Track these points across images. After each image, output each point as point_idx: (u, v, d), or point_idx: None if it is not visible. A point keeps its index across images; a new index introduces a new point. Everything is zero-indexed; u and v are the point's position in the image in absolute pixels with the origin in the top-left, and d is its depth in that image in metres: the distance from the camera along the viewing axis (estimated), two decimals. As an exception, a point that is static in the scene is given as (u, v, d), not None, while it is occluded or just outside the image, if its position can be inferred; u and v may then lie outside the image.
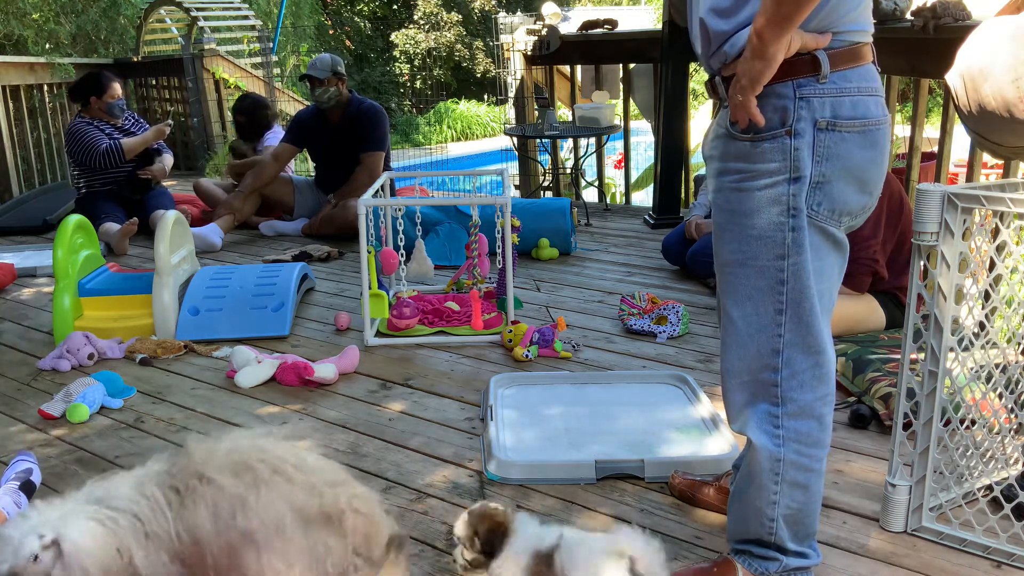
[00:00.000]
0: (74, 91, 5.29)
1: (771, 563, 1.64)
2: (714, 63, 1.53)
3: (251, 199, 5.21)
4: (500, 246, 3.28)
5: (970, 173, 3.57)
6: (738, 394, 1.59)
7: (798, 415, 1.55)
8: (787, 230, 1.48)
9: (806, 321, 1.51)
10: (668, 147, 5.20)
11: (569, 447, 2.37)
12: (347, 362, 2.98)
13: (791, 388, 1.54)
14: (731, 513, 1.71)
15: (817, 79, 1.43)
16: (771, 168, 1.46)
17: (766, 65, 1.39)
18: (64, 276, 3.35)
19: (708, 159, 1.62)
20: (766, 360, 1.54)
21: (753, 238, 1.50)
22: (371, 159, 4.98)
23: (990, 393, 1.93)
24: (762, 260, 1.50)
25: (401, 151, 10.68)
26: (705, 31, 1.51)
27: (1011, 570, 1.79)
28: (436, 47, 17.66)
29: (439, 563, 1.88)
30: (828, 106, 1.44)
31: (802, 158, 1.45)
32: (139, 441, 2.53)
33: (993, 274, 1.83)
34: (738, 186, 1.50)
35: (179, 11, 8.03)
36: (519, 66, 6.09)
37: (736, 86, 1.43)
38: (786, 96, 1.44)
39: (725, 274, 1.57)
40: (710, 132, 1.62)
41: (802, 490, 1.58)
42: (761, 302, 1.52)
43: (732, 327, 1.56)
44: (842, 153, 1.46)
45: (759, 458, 1.57)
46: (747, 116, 1.44)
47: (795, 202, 1.46)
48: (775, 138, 1.45)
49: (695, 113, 8.12)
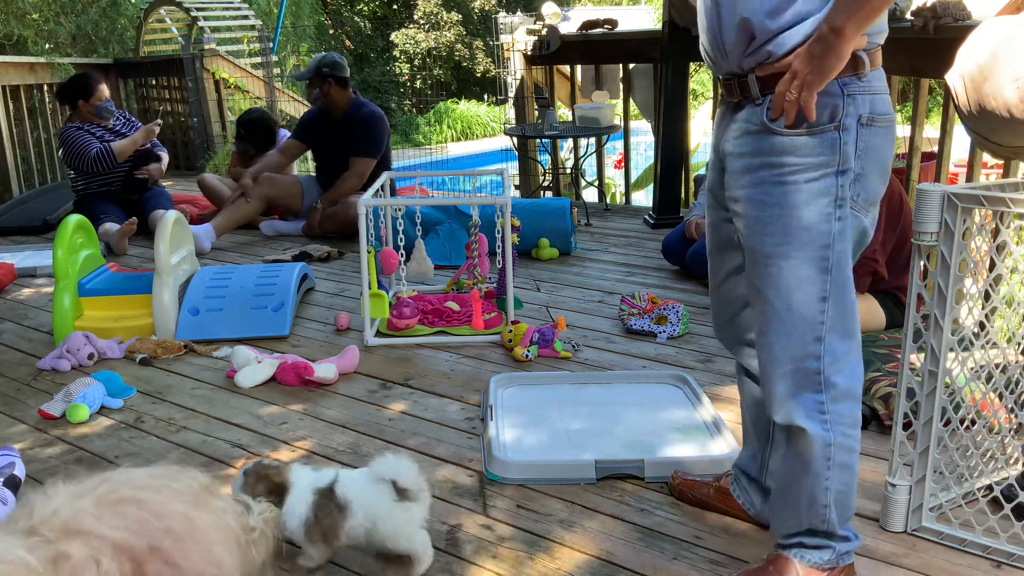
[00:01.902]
0: (61, 95, 5.27)
1: (824, 551, 1.68)
2: (749, 62, 1.56)
3: (260, 199, 5.19)
4: (500, 246, 3.28)
5: (970, 173, 3.57)
6: (780, 385, 1.61)
7: (840, 398, 1.60)
8: (834, 220, 1.54)
9: (847, 307, 1.58)
10: (668, 147, 5.20)
11: (569, 447, 2.37)
12: (347, 362, 2.98)
13: (833, 373, 1.58)
14: (779, 508, 1.72)
15: (859, 78, 1.51)
16: (819, 161, 1.52)
17: (838, 61, 1.44)
18: (64, 276, 3.35)
19: (732, 156, 1.63)
20: (809, 348, 1.58)
21: (800, 228, 1.54)
22: (360, 164, 4.99)
23: (990, 393, 1.93)
24: (808, 250, 1.55)
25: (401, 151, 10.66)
26: (748, 29, 1.53)
27: (1011, 570, 1.79)
28: (436, 47, 17.66)
29: (439, 563, 1.88)
30: (868, 103, 1.53)
31: (848, 152, 1.52)
32: (139, 441, 2.53)
33: (993, 274, 1.84)
34: (783, 179, 1.54)
35: (179, 11, 8.03)
36: (519, 66, 6.08)
37: (793, 83, 1.46)
38: (835, 94, 1.50)
39: (767, 266, 1.58)
40: (731, 130, 1.64)
41: (848, 471, 1.64)
42: (807, 291, 1.56)
43: (776, 317, 1.59)
44: (876, 147, 1.55)
45: (813, 446, 1.60)
46: (795, 112, 1.48)
47: (842, 192, 1.53)
48: (824, 133, 1.51)
49: (695, 113, 8.11)
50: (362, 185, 4.97)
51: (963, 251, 1.76)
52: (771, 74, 1.53)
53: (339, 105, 5.03)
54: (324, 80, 4.94)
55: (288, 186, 5.24)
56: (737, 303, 1.81)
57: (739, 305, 1.80)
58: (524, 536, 1.97)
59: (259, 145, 5.79)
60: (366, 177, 4.96)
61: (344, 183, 5.00)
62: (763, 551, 1.83)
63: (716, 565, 1.84)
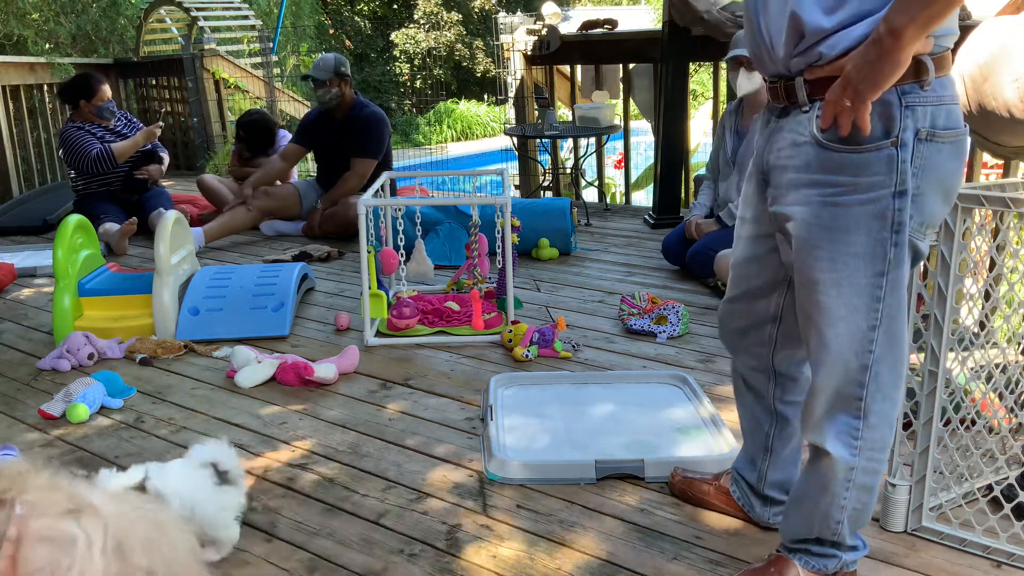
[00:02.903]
0: (63, 95, 5.27)
1: (830, 560, 1.64)
2: (798, 63, 1.42)
3: (257, 211, 5.16)
4: (500, 246, 3.28)
5: (970, 173, 3.57)
6: (819, 406, 1.53)
7: (876, 426, 1.52)
8: (889, 246, 1.41)
9: (897, 335, 1.48)
10: (668, 147, 5.20)
11: (569, 447, 2.37)
12: (347, 362, 2.98)
13: (875, 401, 1.50)
14: (791, 515, 1.68)
15: (921, 86, 1.36)
16: (874, 181, 1.38)
17: (895, 68, 1.29)
18: (64, 276, 3.35)
19: (776, 170, 1.51)
20: (854, 376, 1.49)
21: (852, 255, 1.42)
22: (361, 165, 4.99)
23: (990, 393, 1.93)
24: (860, 278, 1.43)
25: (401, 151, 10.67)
26: (798, 27, 1.38)
27: (1011, 570, 1.79)
28: (436, 47, 17.66)
29: (439, 563, 1.88)
30: (929, 115, 1.37)
31: (907, 171, 1.37)
32: (139, 441, 2.53)
33: (993, 274, 1.84)
34: (834, 200, 1.41)
35: (179, 11, 8.03)
36: (519, 66, 6.08)
37: (846, 90, 1.32)
38: (892, 104, 1.35)
39: (817, 292, 1.47)
40: (776, 140, 1.51)
41: (868, 492, 1.58)
42: (856, 320, 1.46)
43: (823, 346, 1.49)
44: (936, 164, 1.39)
45: (835, 468, 1.54)
46: (850, 123, 1.34)
47: (900, 216, 1.39)
48: (880, 149, 1.36)
49: (695, 113, 8.12)
50: (363, 186, 4.97)
51: (963, 251, 1.76)
52: (821, 78, 1.38)
53: (342, 105, 5.04)
54: (343, 79, 4.94)
55: (285, 197, 5.20)
56: (758, 318, 1.73)
57: (759, 320, 1.73)
58: (524, 536, 1.97)
59: (256, 147, 5.78)
60: (367, 178, 4.97)
61: (345, 183, 5.00)
62: (763, 551, 1.83)
63: (716, 565, 1.84)
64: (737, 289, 1.76)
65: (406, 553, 1.92)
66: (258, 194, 5.14)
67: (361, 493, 2.19)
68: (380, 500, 2.15)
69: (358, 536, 2.00)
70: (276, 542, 1.98)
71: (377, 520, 2.06)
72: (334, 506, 2.13)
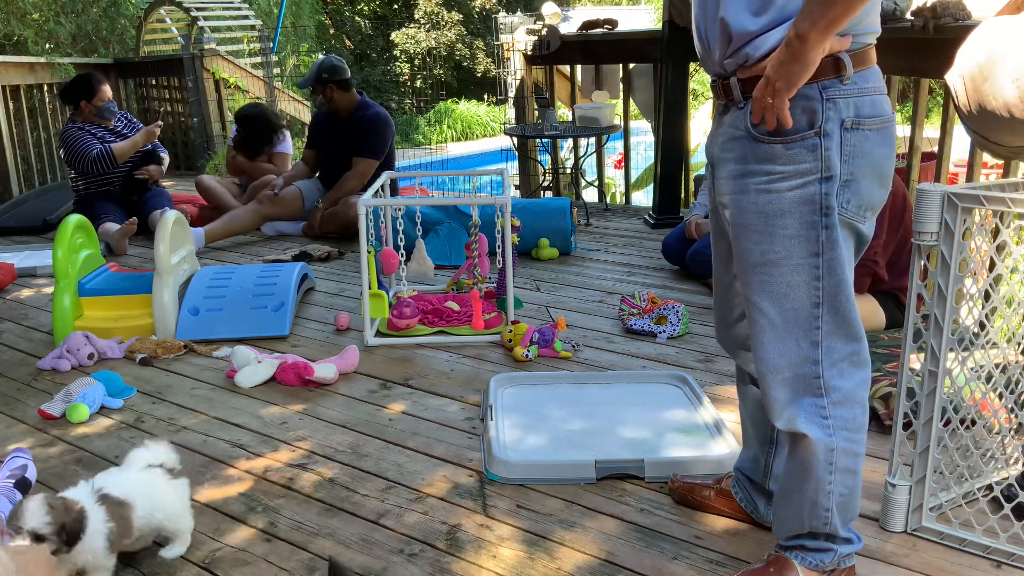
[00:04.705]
0: (64, 95, 5.27)
1: (826, 554, 1.67)
2: (730, 64, 1.53)
3: (259, 216, 5.16)
4: (500, 246, 3.28)
5: (970, 173, 3.57)
6: (780, 391, 1.59)
7: (842, 403, 1.58)
8: (820, 228, 1.50)
9: (842, 312, 1.55)
10: (668, 147, 5.20)
11: (569, 447, 2.37)
12: (347, 362, 2.98)
13: (832, 377, 1.57)
14: (781, 511, 1.71)
15: (841, 80, 1.47)
16: (802, 169, 1.49)
17: (804, 68, 1.40)
18: (64, 276, 3.35)
19: (720, 161, 1.61)
20: (806, 353, 1.56)
21: (786, 237, 1.52)
22: (362, 164, 5.00)
23: (990, 393, 1.93)
24: (796, 258, 1.52)
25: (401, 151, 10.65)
26: (726, 31, 1.50)
27: (1011, 570, 1.79)
28: (436, 46, 17.67)
29: (439, 563, 1.88)
30: (852, 106, 1.48)
31: (832, 158, 1.48)
32: (139, 441, 2.52)
33: (993, 274, 1.83)
34: (767, 188, 1.52)
35: (179, 11, 8.03)
36: (519, 66, 6.08)
37: (767, 88, 1.44)
38: (813, 98, 1.46)
39: (757, 274, 1.57)
40: (719, 134, 1.62)
41: (852, 475, 1.62)
42: (797, 297, 1.54)
43: (768, 324, 1.57)
44: (866, 151, 1.50)
45: (815, 451, 1.59)
46: (775, 118, 1.45)
47: (827, 201, 1.49)
48: (804, 139, 1.48)
49: (695, 113, 8.10)
50: (364, 186, 4.97)
51: (963, 251, 1.76)
52: (751, 77, 1.49)
53: (344, 108, 5.04)
54: (325, 85, 4.97)
55: (291, 202, 5.21)
56: (739, 309, 1.79)
57: (741, 311, 1.79)
58: (524, 536, 1.97)
59: (252, 143, 5.74)
60: (368, 177, 4.97)
61: (346, 183, 5.01)
62: (763, 551, 1.83)
63: (716, 565, 1.84)
64: (719, 284, 1.83)
65: (406, 553, 1.92)
66: (262, 198, 5.15)
67: (361, 493, 2.19)
68: (380, 500, 2.15)
69: (358, 536, 2.00)
70: (276, 542, 1.98)
71: (377, 520, 2.06)
72: (334, 506, 2.13)
